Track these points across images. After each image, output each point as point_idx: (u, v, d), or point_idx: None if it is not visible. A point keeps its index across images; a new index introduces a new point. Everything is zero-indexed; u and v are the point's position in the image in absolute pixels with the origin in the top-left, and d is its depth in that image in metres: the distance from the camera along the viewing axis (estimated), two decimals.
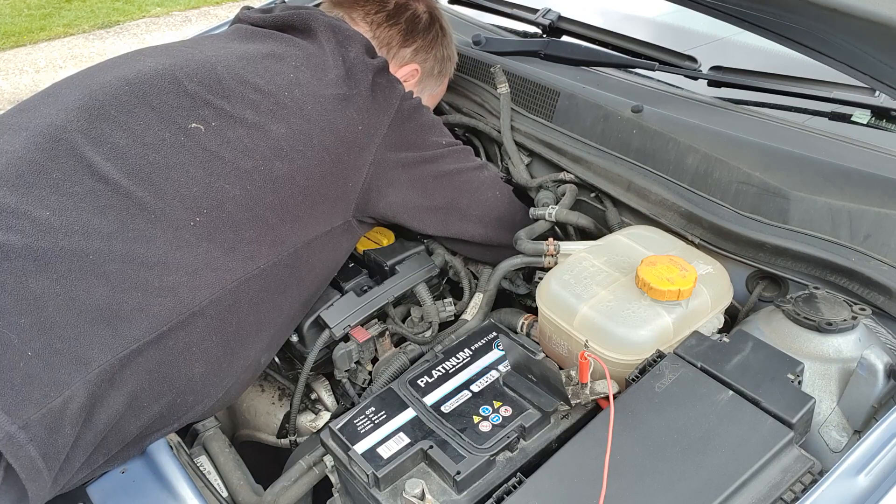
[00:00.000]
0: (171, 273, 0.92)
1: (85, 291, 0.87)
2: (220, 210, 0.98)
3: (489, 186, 1.27)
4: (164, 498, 0.90)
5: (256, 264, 1.00)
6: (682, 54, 1.53)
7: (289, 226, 1.04)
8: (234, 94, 1.05)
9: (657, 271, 0.99)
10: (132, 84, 1.03)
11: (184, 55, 1.10)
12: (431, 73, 1.40)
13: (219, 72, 1.06)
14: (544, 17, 1.72)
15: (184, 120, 1.01)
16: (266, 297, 1.02)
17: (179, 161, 0.98)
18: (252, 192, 1.00)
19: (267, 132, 1.03)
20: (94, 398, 0.85)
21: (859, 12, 0.84)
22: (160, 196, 0.95)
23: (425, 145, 1.19)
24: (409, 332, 1.21)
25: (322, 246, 1.10)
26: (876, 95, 1.35)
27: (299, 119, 1.06)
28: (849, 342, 0.95)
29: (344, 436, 0.93)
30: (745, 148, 1.17)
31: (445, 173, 1.21)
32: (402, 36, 1.33)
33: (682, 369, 0.90)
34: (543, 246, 1.18)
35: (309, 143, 1.05)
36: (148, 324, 0.89)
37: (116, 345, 0.86)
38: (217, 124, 1.02)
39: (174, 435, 1.04)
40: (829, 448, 0.91)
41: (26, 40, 5.68)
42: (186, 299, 0.93)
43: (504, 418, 0.92)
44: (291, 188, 1.04)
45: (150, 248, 0.92)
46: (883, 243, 1.02)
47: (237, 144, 1.01)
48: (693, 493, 0.77)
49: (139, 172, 0.96)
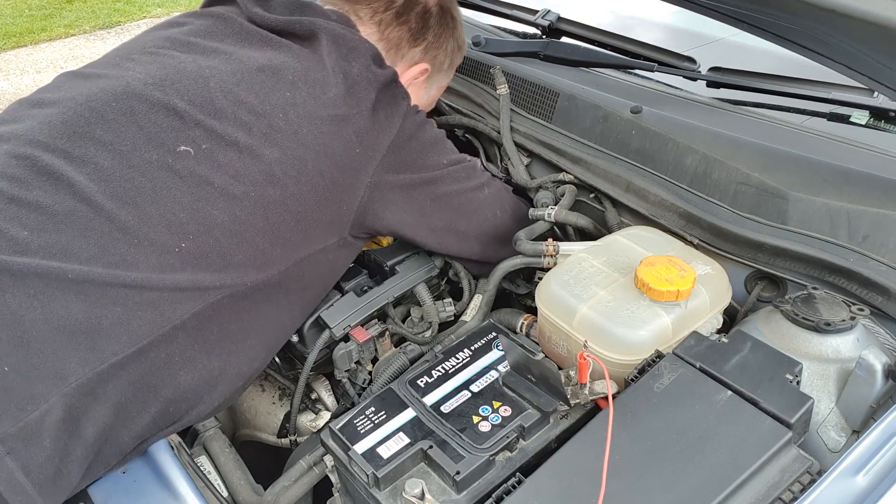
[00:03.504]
0: (152, 290, 0.90)
1: (63, 307, 0.85)
2: (207, 236, 0.95)
3: (489, 206, 1.25)
4: (164, 498, 0.90)
5: (243, 282, 0.98)
6: (680, 55, 1.54)
7: (280, 249, 1.01)
8: (226, 115, 1.00)
9: (656, 272, 0.99)
10: (119, 100, 0.99)
11: (175, 65, 1.04)
12: (441, 67, 1.35)
13: (211, 88, 1.01)
14: (544, 18, 1.72)
15: (173, 142, 0.97)
16: (250, 307, 1.00)
17: (166, 185, 0.94)
18: (242, 218, 0.97)
19: (259, 157, 0.99)
20: (75, 411, 0.84)
21: (858, 13, 0.84)
22: (144, 221, 0.92)
23: (426, 166, 1.15)
24: (409, 332, 1.21)
25: (315, 262, 1.07)
26: (874, 96, 1.35)
27: (293, 143, 1.01)
28: (847, 342, 0.95)
29: (344, 436, 0.93)
30: (744, 149, 1.18)
31: (444, 195, 1.18)
32: (411, 35, 1.26)
33: (680, 369, 0.91)
34: (543, 246, 1.18)
35: (303, 168, 1.01)
36: (127, 338, 0.88)
37: (95, 359, 0.85)
38: (207, 147, 0.98)
39: (175, 435, 1.03)
40: (827, 448, 0.91)
41: (27, 41, 5.69)
42: (168, 313, 0.91)
43: (503, 418, 0.92)
44: (283, 214, 1.00)
45: (132, 272, 0.90)
46: (881, 244, 1.02)
47: (228, 169, 0.97)
48: (692, 493, 0.77)
49: (123, 195, 0.92)
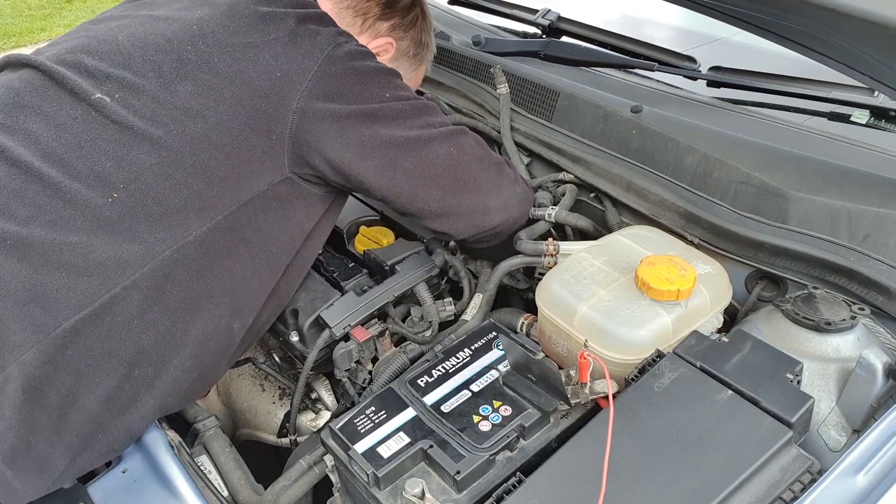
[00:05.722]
0: (94, 251, 0.91)
1: (9, 273, 0.87)
2: (137, 182, 0.95)
3: (441, 142, 1.10)
4: (164, 497, 0.90)
5: (188, 231, 0.96)
6: (681, 55, 1.54)
7: (216, 189, 0.99)
8: (135, 61, 1.02)
9: (656, 271, 0.99)
10: (43, 69, 1.03)
11: (87, 33, 1.09)
12: (406, 53, 1.33)
13: (119, 41, 1.04)
14: (544, 17, 1.72)
15: (89, 96, 1.00)
16: (208, 263, 0.99)
17: (90, 137, 0.96)
18: (168, 159, 0.96)
19: (173, 93, 0.99)
20: (35, 379, 0.85)
21: (859, 13, 0.84)
22: (74, 176, 0.94)
23: (362, 97, 1.06)
24: (409, 331, 1.21)
25: (265, 205, 1.04)
26: (875, 96, 1.35)
27: (206, 73, 1.01)
28: (848, 342, 0.95)
29: (344, 435, 0.93)
30: (745, 148, 1.18)
31: (385, 128, 1.06)
32: (380, 8, 1.26)
33: (681, 369, 0.91)
34: (543, 246, 1.18)
35: (219, 96, 1.00)
36: (76, 302, 0.88)
37: (47, 325, 0.86)
38: (121, 95, 0.99)
39: (175, 435, 1.04)
40: (828, 447, 0.91)
41: (27, 41, 5.69)
42: (114, 275, 0.91)
43: (504, 418, 0.92)
44: (210, 149, 0.98)
45: (70, 230, 0.91)
46: (882, 243, 1.02)
47: (144, 112, 0.98)
48: (692, 493, 0.77)
49: (51, 154, 0.95)
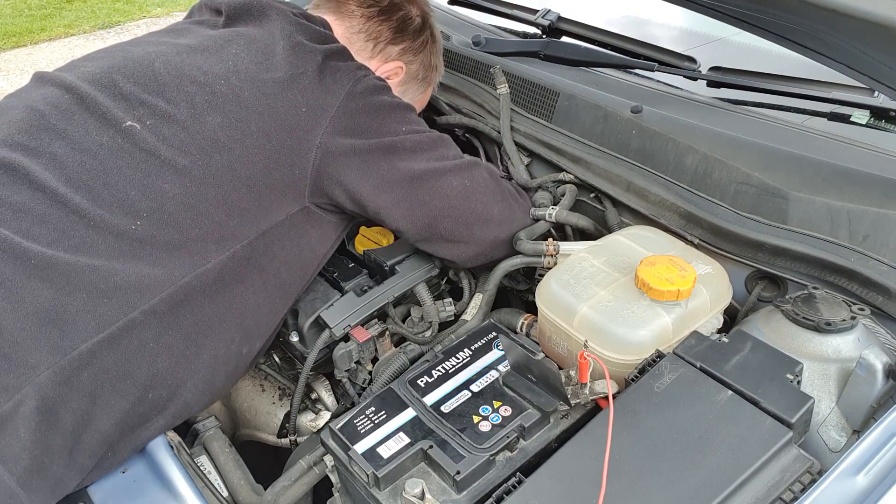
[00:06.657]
0: (116, 275, 0.91)
1: (30, 294, 0.87)
2: (160, 212, 0.96)
3: (455, 174, 1.16)
4: (164, 498, 0.90)
5: (206, 260, 0.98)
6: (681, 55, 1.54)
7: (237, 220, 1.01)
8: (169, 89, 1.02)
9: (656, 271, 0.99)
10: (71, 90, 1.02)
11: (124, 55, 1.09)
12: (416, 76, 1.37)
13: (156, 68, 1.04)
14: (544, 17, 1.72)
15: (119, 121, 0.99)
16: (222, 289, 1.00)
17: (116, 165, 0.96)
18: (192, 190, 0.98)
19: (202, 123, 1.00)
20: (50, 401, 0.85)
21: (859, 13, 0.84)
22: (98, 202, 0.94)
23: (381, 131, 1.11)
24: (409, 332, 1.21)
25: (282, 234, 1.06)
26: (875, 96, 1.35)
27: (235, 107, 1.03)
28: (848, 342, 0.95)
29: (344, 435, 0.93)
30: (745, 148, 1.18)
31: (402, 162, 1.11)
32: (391, 32, 1.30)
33: (681, 369, 0.91)
34: (543, 246, 1.18)
35: (247, 130, 1.02)
36: (95, 324, 0.89)
37: (64, 346, 0.86)
38: (152, 122, 1.00)
39: (175, 435, 1.04)
40: (828, 448, 0.91)
41: (27, 41, 5.69)
42: (133, 299, 0.92)
43: (504, 418, 0.92)
44: (233, 180, 1.00)
45: (93, 254, 0.91)
46: (882, 243, 1.02)
47: (173, 141, 0.99)
48: (692, 493, 0.77)
49: (76, 180, 0.95)
